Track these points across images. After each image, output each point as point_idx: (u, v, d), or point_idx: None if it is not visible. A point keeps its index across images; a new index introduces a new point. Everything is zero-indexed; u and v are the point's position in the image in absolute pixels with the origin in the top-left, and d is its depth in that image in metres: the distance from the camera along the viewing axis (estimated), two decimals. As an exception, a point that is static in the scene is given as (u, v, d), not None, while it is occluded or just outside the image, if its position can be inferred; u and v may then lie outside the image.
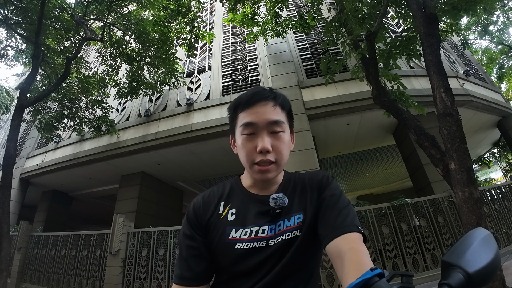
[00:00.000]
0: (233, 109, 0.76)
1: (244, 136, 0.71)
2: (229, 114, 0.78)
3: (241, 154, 0.74)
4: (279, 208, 0.71)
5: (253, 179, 0.77)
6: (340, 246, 0.60)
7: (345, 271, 0.54)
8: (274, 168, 0.71)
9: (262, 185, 0.77)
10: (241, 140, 0.72)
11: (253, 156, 0.70)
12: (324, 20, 5.63)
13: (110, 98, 8.81)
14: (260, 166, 0.69)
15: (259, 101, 0.71)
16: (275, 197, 0.71)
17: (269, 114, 0.71)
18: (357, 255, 0.56)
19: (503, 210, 5.21)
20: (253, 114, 0.71)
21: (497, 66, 14.58)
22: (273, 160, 0.70)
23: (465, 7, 3.48)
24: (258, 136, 0.70)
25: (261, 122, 0.70)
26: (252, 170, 0.72)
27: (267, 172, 0.70)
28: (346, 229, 0.62)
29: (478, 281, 0.39)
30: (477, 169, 18.24)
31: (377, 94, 4.10)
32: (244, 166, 0.76)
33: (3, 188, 5.05)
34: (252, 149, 0.70)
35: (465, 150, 2.97)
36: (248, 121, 0.70)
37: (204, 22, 9.70)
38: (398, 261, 4.55)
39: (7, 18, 6.52)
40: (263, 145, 0.68)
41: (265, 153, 0.69)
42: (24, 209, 9.98)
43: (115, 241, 5.25)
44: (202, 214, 0.75)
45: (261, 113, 0.70)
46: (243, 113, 0.72)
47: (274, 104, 0.72)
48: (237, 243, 0.69)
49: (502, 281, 2.72)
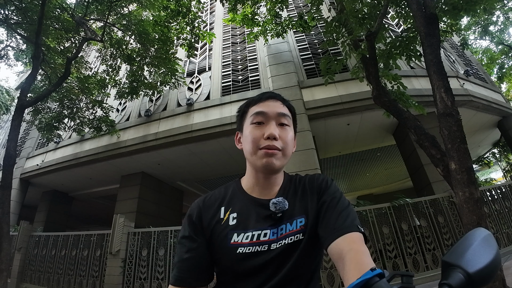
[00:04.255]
0: (245, 105, 0.83)
1: (253, 125, 0.76)
2: (239, 112, 0.84)
3: (247, 141, 0.76)
4: (280, 212, 0.72)
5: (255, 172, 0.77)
6: (341, 247, 0.60)
7: (346, 271, 0.54)
8: (280, 156, 0.73)
9: (264, 182, 0.77)
10: (249, 129, 0.76)
11: (259, 142, 0.73)
12: (324, 20, 5.63)
13: (110, 98, 8.82)
14: (266, 149, 0.72)
15: (270, 98, 0.80)
16: (275, 201, 0.72)
17: (279, 108, 0.78)
18: (358, 255, 0.56)
19: (504, 210, 5.21)
20: (264, 106, 0.78)
21: (497, 66, 14.57)
22: (280, 147, 0.73)
23: (465, 7, 3.49)
24: (266, 125, 0.75)
25: (271, 112, 0.76)
26: (257, 155, 0.73)
27: (273, 156, 0.72)
28: (346, 230, 0.63)
29: (478, 281, 0.39)
30: (478, 169, 18.22)
31: (377, 94, 4.10)
32: (247, 157, 0.77)
33: (3, 188, 5.06)
34: (260, 136, 0.74)
35: (465, 150, 2.97)
36: (259, 110, 0.77)
37: (204, 22, 9.70)
38: (399, 261, 4.55)
39: (7, 18, 6.53)
40: (271, 132, 0.73)
41: (272, 139, 0.72)
42: (24, 209, 10.00)
43: (115, 241, 5.25)
44: (203, 217, 0.75)
45: (272, 106, 0.78)
46: (254, 106, 0.79)
47: (283, 103, 0.81)
48: (239, 247, 0.69)
49: (502, 281, 2.72)
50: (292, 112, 0.82)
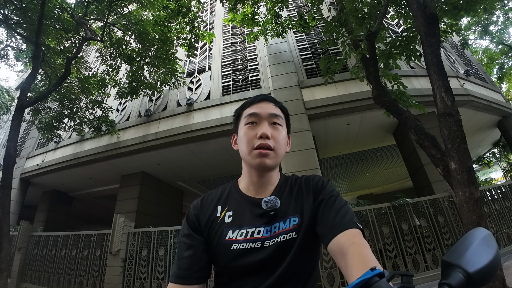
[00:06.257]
0: (240, 108, 0.87)
1: (247, 126, 0.80)
2: (235, 115, 0.89)
3: (242, 142, 0.81)
4: (272, 210, 0.73)
5: (250, 171, 0.81)
6: (342, 243, 0.61)
7: (348, 266, 0.55)
8: (272, 155, 0.77)
9: (258, 181, 0.80)
10: (244, 130, 0.81)
11: (253, 142, 0.77)
12: (324, 20, 5.63)
13: (110, 98, 8.82)
14: (260, 149, 0.75)
15: (263, 100, 0.85)
16: (266, 200, 0.74)
17: (271, 109, 0.83)
18: (359, 249, 0.57)
19: (504, 210, 5.21)
20: (257, 108, 0.82)
21: (498, 66, 14.57)
22: (272, 147, 0.76)
23: (466, 7, 3.49)
24: (259, 125, 0.79)
25: (263, 113, 0.81)
26: (252, 156, 0.77)
27: (266, 156, 0.76)
28: (345, 226, 0.64)
29: (478, 281, 0.39)
30: (478, 169, 18.22)
31: (377, 94, 4.10)
32: (243, 157, 0.81)
33: (3, 188, 5.06)
34: (253, 136, 0.78)
35: (465, 150, 2.97)
36: (252, 111, 0.81)
37: (204, 22, 9.70)
38: (399, 261, 4.55)
39: (7, 18, 6.53)
40: (263, 131, 0.77)
41: (264, 138, 0.76)
42: (25, 209, 9.99)
43: (116, 241, 5.25)
44: (201, 216, 0.78)
45: (264, 107, 0.82)
46: (248, 108, 0.84)
47: (275, 105, 0.85)
48: (233, 243, 0.71)
49: (502, 281, 2.72)
50: (284, 113, 0.87)
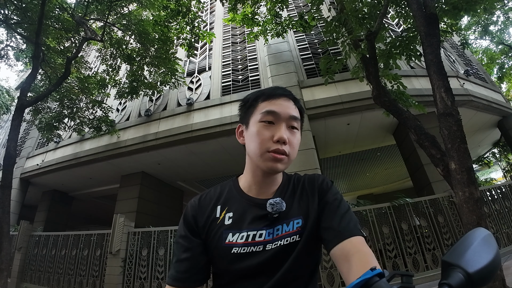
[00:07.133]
0: (254, 98, 0.77)
1: (262, 124, 0.72)
2: (244, 104, 0.79)
3: (253, 140, 0.72)
4: (277, 213, 0.71)
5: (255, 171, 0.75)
6: (347, 250, 0.61)
7: (352, 272, 0.56)
8: (285, 161, 0.71)
9: (263, 181, 0.76)
10: (257, 127, 0.72)
11: (267, 144, 0.70)
12: (324, 20, 5.62)
13: (111, 98, 8.82)
14: (275, 153, 0.69)
15: (283, 96, 0.75)
16: (272, 202, 0.70)
17: (291, 109, 0.74)
18: (365, 257, 0.58)
19: (504, 210, 5.20)
20: (276, 105, 0.73)
21: (498, 66, 14.57)
22: (287, 152, 0.70)
23: (466, 7, 3.49)
24: (276, 126, 0.71)
25: (283, 114, 0.72)
26: (264, 158, 0.70)
27: (280, 161, 0.70)
28: (351, 233, 0.64)
29: (478, 281, 0.39)
30: (478, 169, 18.22)
31: (377, 94, 4.10)
32: (251, 156, 0.74)
33: (3, 188, 5.06)
34: (269, 137, 0.70)
35: (465, 150, 2.97)
36: (271, 109, 0.72)
37: (204, 22, 9.69)
38: (398, 261, 4.55)
39: (7, 18, 6.53)
40: (281, 135, 0.69)
41: (281, 143, 0.69)
42: (25, 209, 9.99)
43: (116, 241, 5.25)
44: (199, 216, 0.74)
45: (285, 106, 0.73)
46: (265, 102, 0.74)
47: (294, 104, 0.77)
48: (233, 247, 0.69)
49: (502, 281, 2.72)
50: (301, 114, 0.79)
